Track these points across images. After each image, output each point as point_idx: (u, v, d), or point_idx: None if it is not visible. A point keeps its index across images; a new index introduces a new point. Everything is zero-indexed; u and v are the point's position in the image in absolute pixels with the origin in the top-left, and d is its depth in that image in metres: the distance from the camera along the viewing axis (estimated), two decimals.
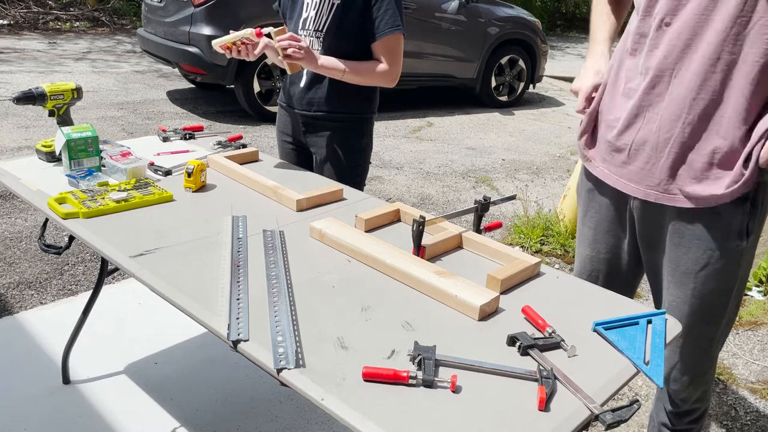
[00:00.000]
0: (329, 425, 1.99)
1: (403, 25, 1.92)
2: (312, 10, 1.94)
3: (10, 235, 3.15)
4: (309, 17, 1.95)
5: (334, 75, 1.92)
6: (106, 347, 2.29)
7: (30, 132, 4.75)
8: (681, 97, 1.26)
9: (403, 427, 0.87)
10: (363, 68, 1.92)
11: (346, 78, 1.92)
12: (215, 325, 1.08)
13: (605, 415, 0.92)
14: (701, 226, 1.33)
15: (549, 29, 13.67)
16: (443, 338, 1.08)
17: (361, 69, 1.92)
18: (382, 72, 1.94)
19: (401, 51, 1.96)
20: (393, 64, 1.95)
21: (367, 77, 1.94)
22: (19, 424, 1.90)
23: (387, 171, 4.62)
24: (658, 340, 1.11)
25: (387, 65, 1.94)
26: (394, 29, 1.89)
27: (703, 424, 1.62)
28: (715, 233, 1.33)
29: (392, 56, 1.94)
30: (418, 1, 6.02)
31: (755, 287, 3.01)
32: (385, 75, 1.95)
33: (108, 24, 10.06)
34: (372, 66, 1.93)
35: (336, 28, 1.91)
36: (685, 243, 1.37)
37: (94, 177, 1.69)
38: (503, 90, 7.07)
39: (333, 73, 1.91)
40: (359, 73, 1.92)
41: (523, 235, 3.53)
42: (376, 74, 1.94)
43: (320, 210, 1.62)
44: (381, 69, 1.94)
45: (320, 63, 1.87)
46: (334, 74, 1.91)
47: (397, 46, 1.94)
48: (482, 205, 1.46)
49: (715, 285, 1.37)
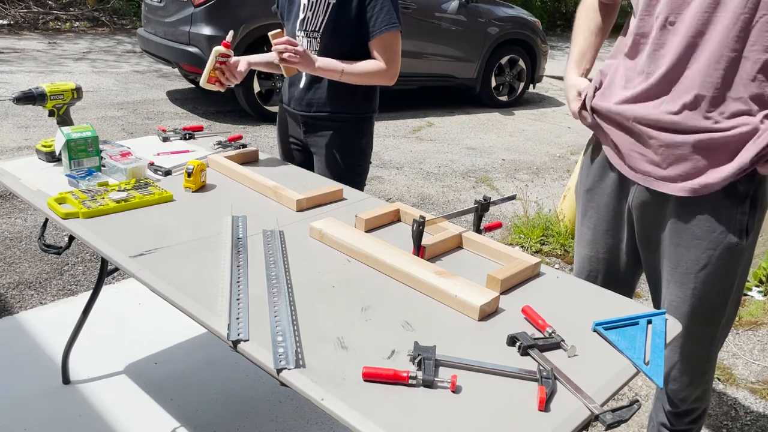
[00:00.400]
0: (329, 425, 1.99)
1: (399, 22, 1.91)
2: (309, 11, 1.94)
3: (10, 235, 3.15)
4: (306, 18, 1.95)
5: (332, 76, 1.91)
6: (106, 347, 2.29)
7: (30, 132, 4.75)
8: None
9: (403, 427, 0.87)
10: (361, 68, 1.92)
11: (345, 78, 1.91)
12: (215, 325, 1.08)
13: (605, 415, 0.92)
14: (701, 225, 1.33)
15: (549, 29, 13.68)
16: (443, 338, 1.08)
17: (358, 69, 1.92)
18: (381, 71, 1.93)
19: (399, 49, 1.96)
20: (391, 62, 1.94)
21: (366, 77, 1.94)
22: (19, 424, 1.90)
23: (387, 171, 4.62)
24: (658, 340, 1.11)
25: (385, 64, 1.93)
26: (390, 27, 1.89)
27: (702, 424, 1.62)
28: (714, 232, 1.33)
29: (390, 54, 1.93)
30: (418, 1, 6.02)
31: (755, 287, 3.01)
32: (383, 74, 1.94)
33: (108, 24, 10.06)
34: (370, 65, 1.93)
35: (332, 28, 1.91)
36: (685, 243, 1.36)
37: (94, 177, 1.69)
38: (503, 90, 7.07)
39: (331, 75, 1.91)
40: (357, 73, 1.92)
41: (523, 235, 3.53)
42: (374, 73, 1.93)
43: (320, 210, 1.62)
44: (379, 68, 1.93)
45: (317, 65, 1.87)
46: (332, 75, 1.91)
47: (394, 44, 1.94)
48: (482, 205, 1.46)
49: (715, 284, 1.37)
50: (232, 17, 5.13)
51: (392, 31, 1.90)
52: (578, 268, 1.64)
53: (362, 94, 2.01)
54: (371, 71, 1.93)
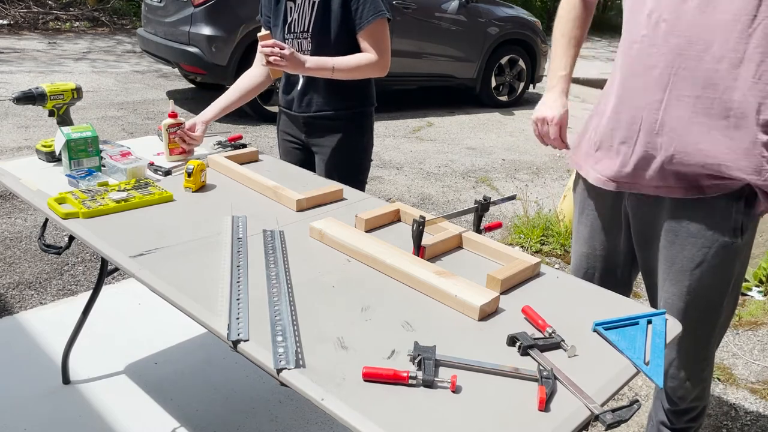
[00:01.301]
0: (329, 425, 1.99)
1: (387, 10, 1.90)
2: (295, 13, 1.93)
3: (10, 235, 3.15)
4: (293, 21, 1.94)
5: (323, 74, 1.90)
6: (106, 347, 2.29)
7: (30, 132, 4.75)
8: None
9: (403, 427, 0.87)
10: (351, 62, 1.91)
11: (336, 75, 1.91)
12: (215, 325, 1.08)
13: (605, 415, 0.92)
14: (696, 223, 1.34)
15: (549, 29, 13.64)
16: (443, 338, 1.08)
17: (349, 63, 1.91)
18: (371, 62, 1.92)
19: (387, 37, 1.94)
20: (381, 52, 1.93)
21: (357, 70, 1.92)
22: (19, 424, 1.90)
23: (387, 171, 4.62)
24: (658, 340, 1.11)
25: (375, 54, 1.92)
26: (377, 15, 1.88)
27: (702, 423, 1.62)
28: (709, 230, 1.33)
29: (379, 44, 1.92)
30: (418, 1, 6.02)
31: (755, 287, 3.01)
32: (374, 65, 1.93)
33: (108, 24, 10.07)
34: (360, 58, 1.91)
35: (321, 26, 1.90)
36: (680, 241, 1.37)
37: (94, 177, 1.69)
38: (503, 90, 7.07)
39: (322, 73, 1.90)
40: (348, 68, 1.91)
41: (523, 235, 3.53)
42: (365, 66, 1.92)
43: (320, 210, 1.62)
44: (370, 59, 1.92)
45: (307, 66, 1.86)
46: (323, 74, 1.90)
47: (382, 33, 1.92)
48: (482, 205, 1.46)
49: (710, 282, 1.37)
50: (232, 17, 5.13)
51: (379, 20, 1.89)
52: (575, 265, 1.64)
53: (358, 89, 2.00)
54: (362, 64, 1.92)
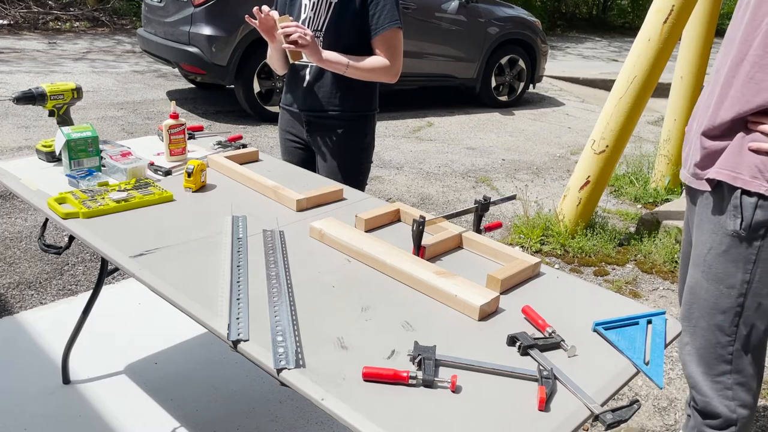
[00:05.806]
0: (329, 425, 1.99)
1: (401, 20, 1.93)
2: (310, 11, 1.94)
3: (10, 235, 3.15)
4: (308, 18, 1.95)
5: (337, 69, 1.92)
6: (106, 347, 2.29)
7: (30, 132, 4.75)
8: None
9: (403, 427, 0.87)
10: (366, 64, 1.94)
11: (350, 72, 1.93)
12: (215, 325, 1.08)
13: (605, 415, 0.92)
14: (712, 210, 1.42)
15: (549, 29, 13.67)
16: (443, 338, 1.08)
17: (364, 64, 1.93)
18: (385, 67, 1.95)
19: (401, 46, 1.98)
20: (394, 59, 1.96)
21: (371, 72, 1.95)
22: (19, 424, 1.90)
23: (387, 171, 4.62)
24: (658, 340, 1.11)
25: (389, 61, 1.95)
26: (393, 24, 1.91)
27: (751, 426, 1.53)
28: (718, 216, 1.40)
29: (392, 51, 1.95)
30: (418, 1, 6.02)
31: None
32: (387, 70, 1.96)
33: (108, 24, 10.06)
34: (375, 61, 1.95)
35: (335, 26, 1.92)
36: (700, 227, 1.47)
37: (94, 177, 1.69)
38: (503, 90, 7.07)
39: (337, 68, 1.92)
40: (362, 68, 1.93)
41: (523, 235, 3.53)
42: (379, 69, 1.95)
43: (320, 210, 1.62)
44: (384, 64, 1.95)
45: (324, 57, 1.89)
46: (337, 68, 1.92)
47: (397, 42, 1.96)
48: (482, 205, 1.46)
49: (719, 269, 1.42)
50: (232, 17, 5.12)
51: (394, 28, 1.92)
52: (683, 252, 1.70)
53: (363, 92, 2.02)
54: (376, 67, 1.95)
